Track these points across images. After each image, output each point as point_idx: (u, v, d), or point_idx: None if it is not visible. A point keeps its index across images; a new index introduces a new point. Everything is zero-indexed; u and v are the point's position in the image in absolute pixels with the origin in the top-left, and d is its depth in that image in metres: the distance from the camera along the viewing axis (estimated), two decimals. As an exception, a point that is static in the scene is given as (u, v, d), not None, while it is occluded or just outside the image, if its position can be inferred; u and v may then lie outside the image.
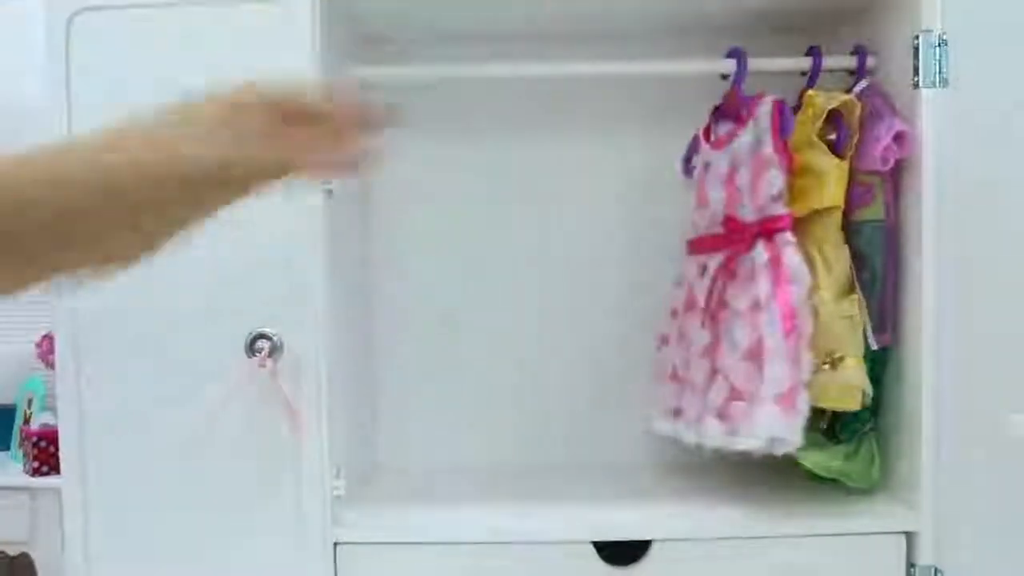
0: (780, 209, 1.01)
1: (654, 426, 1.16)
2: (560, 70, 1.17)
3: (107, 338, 0.98)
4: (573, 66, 1.16)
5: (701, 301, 1.08)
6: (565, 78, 1.22)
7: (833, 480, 1.06)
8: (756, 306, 1.00)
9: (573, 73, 1.18)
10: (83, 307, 0.98)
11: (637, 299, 1.25)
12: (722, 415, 1.02)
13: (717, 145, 1.10)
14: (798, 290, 0.98)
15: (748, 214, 1.05)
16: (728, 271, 1.06)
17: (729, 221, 1.08)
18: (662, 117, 1.21)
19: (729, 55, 1.08)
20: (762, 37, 1.13)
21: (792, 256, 0.99)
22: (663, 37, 1.20)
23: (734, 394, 1.01)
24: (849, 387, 1.00)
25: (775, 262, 1.00)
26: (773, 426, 0.96)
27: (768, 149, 1.02)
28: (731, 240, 1.07)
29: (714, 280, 1.07)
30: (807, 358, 0.97)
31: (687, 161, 1.18)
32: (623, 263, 1.25)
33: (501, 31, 1.20)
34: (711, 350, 1.07)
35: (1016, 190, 0.87)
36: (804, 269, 0.99)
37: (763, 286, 0.99)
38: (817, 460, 1.05)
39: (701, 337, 1.08)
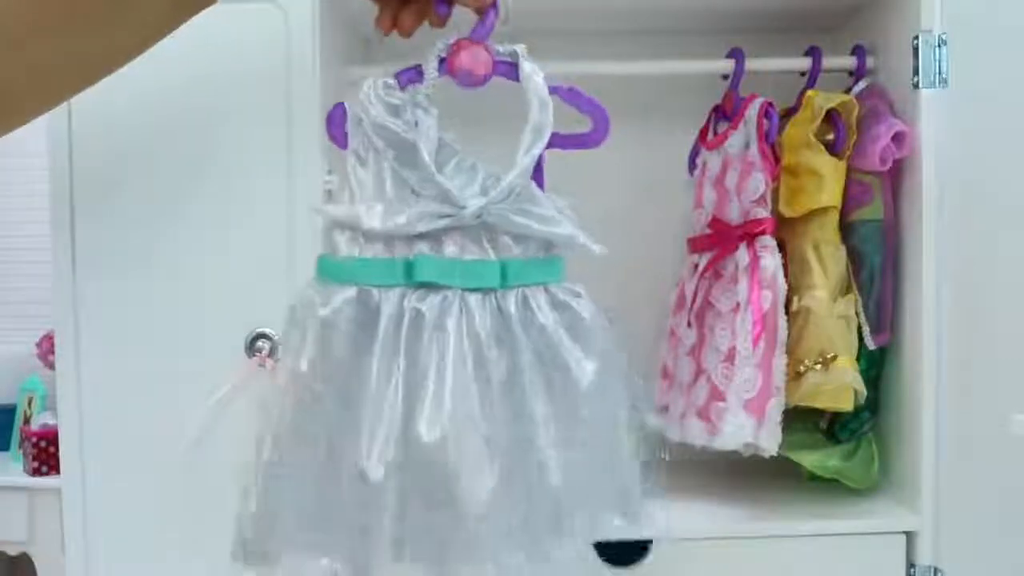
0: (762, 212, 1.02)
1: (645, 422, 1.16)
2: (559, 70, 1.16)
3: (107, 338, 0.98)
4: (572, 66, 1.16)
5: (689, 300, 1.09)
6: (564, 77, 1.22)
7: (833, 480, 1.06)
8: (737, 309, 1.01)
9: (572, 73, 1.18)
10: (83, 307, 0.98)
11: (637, 298, 1.25)
12: (704, 415, 1.02)
13: (711, 145, 1.11)
14: (771, 296, 0.98)
15: (734, 216, 1.05)
16: (714, 272, 1.06)
17: (715, 222, 1.08)
18: (662, 117, 1.21)
19: (729, 55, 1.08)
20: (762, 37, 1.13)
21: (769, 261, 0.99)
22: (663, 36, 1.21)
23: (715, 395, 1.01)
24: (841, 387, 1.00)
25: (753, 266, 1.00)
26: (741, 431, 0.96)
27: (754, 151, 1.03)
28: (717, 241, 1.07)
29: (700, 280, 1.07)
30: (780, 364, 0.97)
31: (692, 160, 1.19)
32: (624, 262, 1.25)
33: (500, 30, 1.19)
34: (696, 349, 1.07)
35: (1016, 190, 0.87)
36: (780, 275, 0.99)
37: (742, 290, 1.00)
38: (815, 459, 1.05)
39: (688, 336, 1.09)
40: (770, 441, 0.96)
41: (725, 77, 1.09)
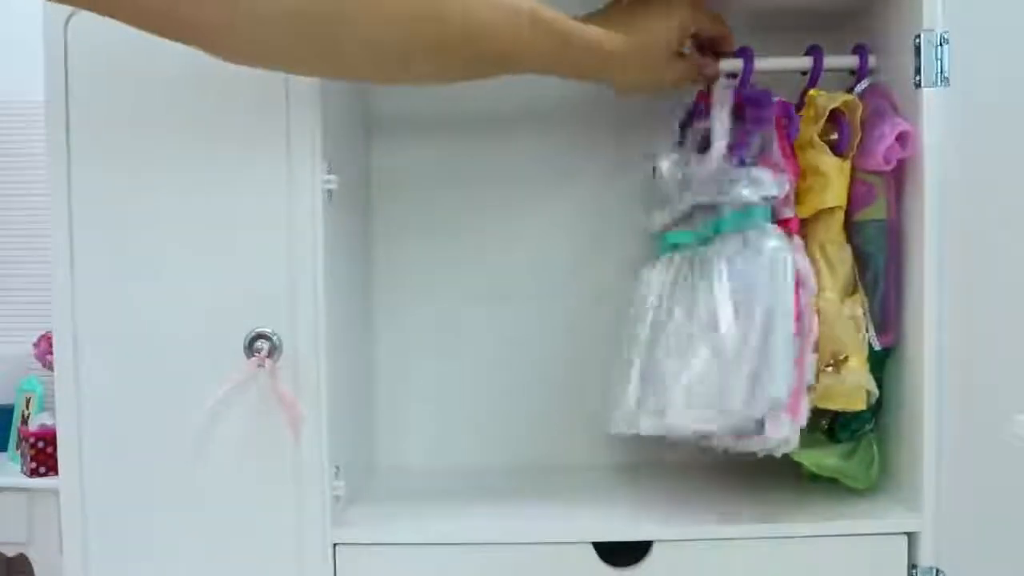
0: (788, 212, 1.02)
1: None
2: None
3: (105, 338, 0.98)
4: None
5: None
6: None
7: (833, 480, 1.06)
8: None
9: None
10: (81, 307, 0.98)
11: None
12: None
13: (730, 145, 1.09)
14: (805, 294, 0.98)
15: None
16: None
17: None
18: (662, 116, 1.20)
19: (737, 54, 1.08)
20: (762, 36, 1.12)
21: (800, 260, 0.99)
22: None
23: None
24: (854, 387, 1.00)
25: None
26: (782, 431, 0.95)
27: (776, 152, 1.02)
28: None
29: None
30: (811, 362, 0.97)
31: None
32: (624, 262, 1.25)
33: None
34: None
35: (1018, 189, 0.86)
36: (811, 274, 0.99)
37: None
38: (813, 457, 1.05)
39: None
40: (796, 436, 0.96)
41: (733, 76, 1.09)
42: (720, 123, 1.05)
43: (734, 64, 1.08)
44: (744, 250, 0.99)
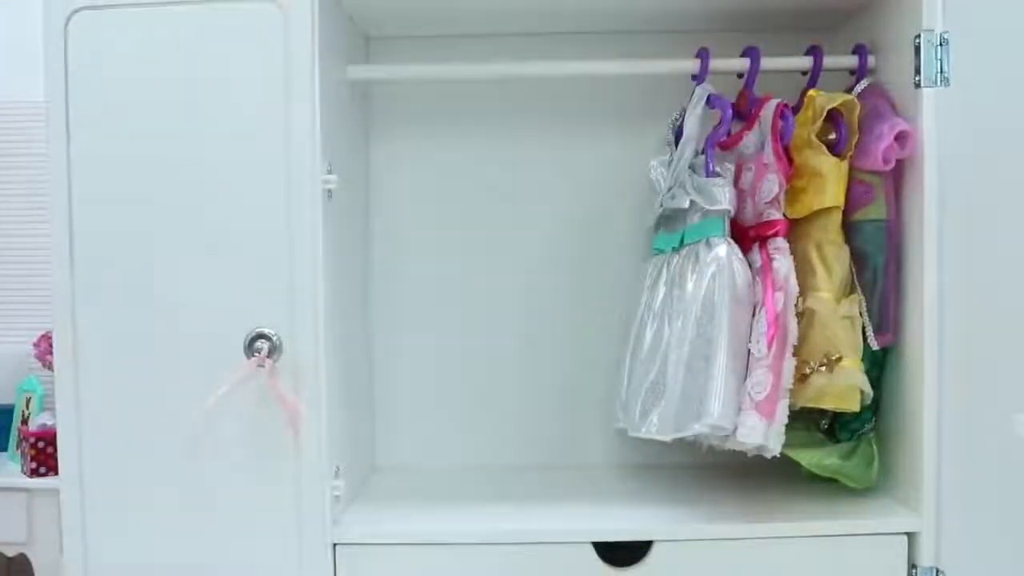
0: (775, 214, 1.01)
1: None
2: (568, 69, 1.18)
3: (106, 338, 0.98)
4: (580, 65, 1.17)
5: None
6: (575, 77, 1.22)
7: (833, 480, 1.06)
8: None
9: (579, 73, 1.19)
10: (81, 307, 0.98)
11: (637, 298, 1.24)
12: None
13: (726, 145, 1.09)
14: (783, 297, 0.98)
15: (748, 217, 1.04)
16: None
17: (730, 224, 1.07)
18: (664, 115, 1.20)
19: (744, 54, 1.08)
20: (763, 36, 1.12)
21: (781, 263, 0.99)
22: (663, 35, 1.20)
23: None
24: (847, 388, 0.99)
25: (766, 268, 1.00)
26: (753, 432, 0.96)
27: (769, 152, 1.02)
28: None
29: None
30: (789, 366, 0.97)
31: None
32: (628, 262, 1.25)
33: (509, 30, 1.21)
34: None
35: (1017, 189, 0.86)
36: (792, 278, 0.99)
37: (756, 292, 0.99)
38: (812, 458, 1.05)
39: None
40: (777, 442, 0.96)
41: (740, 76, 1.09)
42: (689, 126, 1.05)
43: (740, 63, 1.08)
44: (694, 264, 1.02)
